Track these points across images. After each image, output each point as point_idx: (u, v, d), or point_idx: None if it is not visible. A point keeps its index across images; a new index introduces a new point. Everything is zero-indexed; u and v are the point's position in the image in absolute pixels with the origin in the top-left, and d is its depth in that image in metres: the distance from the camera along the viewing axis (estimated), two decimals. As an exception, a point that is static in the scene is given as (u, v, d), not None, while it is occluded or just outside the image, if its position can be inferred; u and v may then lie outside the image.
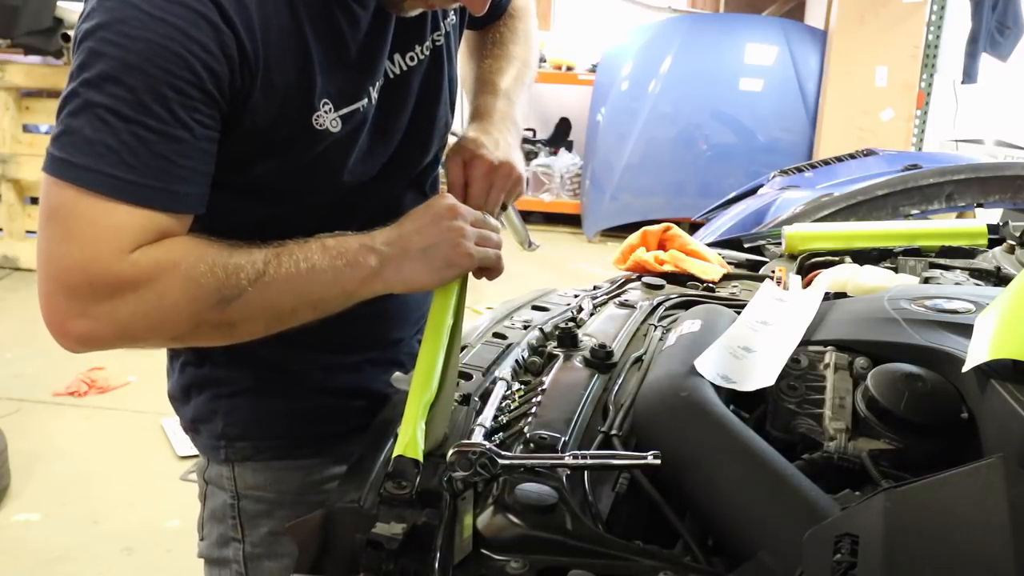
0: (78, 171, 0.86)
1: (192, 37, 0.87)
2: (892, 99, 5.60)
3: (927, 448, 0.85)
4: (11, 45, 4.84)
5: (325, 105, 1.02)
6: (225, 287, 0.91)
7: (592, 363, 1.07)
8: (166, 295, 0.89)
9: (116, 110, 0.85)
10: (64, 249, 0.88)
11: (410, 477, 0.84)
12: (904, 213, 2.20)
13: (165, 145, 0.88)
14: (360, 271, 0.98)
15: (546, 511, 0.78)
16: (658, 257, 1.47)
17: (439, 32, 1.16)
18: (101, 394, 3.61)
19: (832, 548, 0.64)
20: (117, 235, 0.88)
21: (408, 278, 1.00)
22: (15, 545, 2.69)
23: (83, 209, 0.87)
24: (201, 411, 1.21)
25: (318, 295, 0.97)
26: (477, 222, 1.05)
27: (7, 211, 5.03)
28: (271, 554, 1.20)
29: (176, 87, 0.87)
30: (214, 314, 0.91)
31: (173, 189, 0.90)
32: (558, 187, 6.50)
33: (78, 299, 0.88)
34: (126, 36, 0.85)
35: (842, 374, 0.96)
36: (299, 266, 0.95)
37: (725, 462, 0.82)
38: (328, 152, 1.05)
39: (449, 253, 1.00)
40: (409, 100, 1.14)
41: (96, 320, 0.88)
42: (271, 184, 1.05)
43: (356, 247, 0.98)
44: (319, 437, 1.20)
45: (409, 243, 1.00)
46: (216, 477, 1.22)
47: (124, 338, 0.92)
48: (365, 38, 1.05)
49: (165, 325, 0.92)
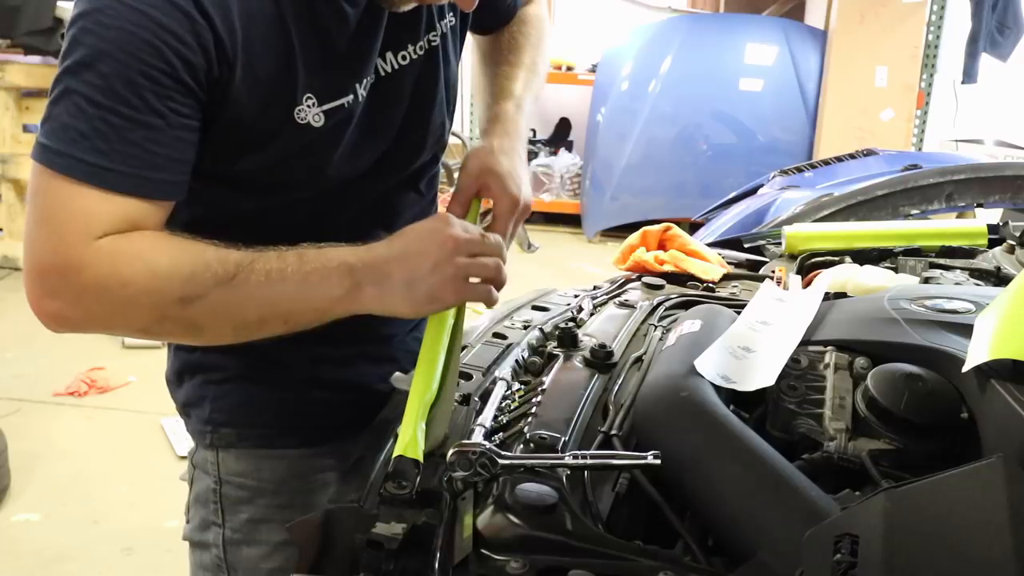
0: (52, 156, 0.89)
1: (165, 27, 0.88)
2: (892, 99, 5.60)
3: (927, 448, 0.85)
4: (11, 45, 4.85)
5: (308, 100, 1.01)
6: (188, 285, 0.90)
7: (592, 363, 1.07)
8: (127, 284, 0.89)
9: (90, 97, 0.87)
10: (37, 231, 0.91)
11: (410, 477, 0.84)
12: (904, 213, 2.20)
13: (137, 132, 0.88)
14: (334, 290, 0.95)
15: (546, 511, 0.78)
16: (658, 257, 1.47)
17: (435, 32, 1.15)
18: (101, 394, 3.61)
19: (832, 548, 0.64)
20: (85, 220, 0.89)
21: (387, 306, 0.97)
22: (15, 545, 2.69)
23: (55, 192, 0.89)
24: (191, 396, 1.22)
25: (287, 308, 0.95)
26: (475, 249, 0.99)
27: (7, 211, 5.03)
28: (249, 541, 1.21)
29: (148, 75, 0.88)
30: (175, 310, 0.91)
31: (144, 175, 0.90)
32: (558, 187, 6.50)
33: (48, 280, 0.90)
34: (102, 25, 0.87)
35: (842, 374, 0.96)
36: (271, 276, 0.93)
37: (725, 462, 0.82)
38: (311, 147, 1.04)
39: (436, 289, 0.96)
40: (401, 99, 1.14)
41: (65, 301, 0.90)
42: (255, 177, 1.05)
43: (335, 264, 0.95)
44: (304, 428, 1.21)
45: (393, 270, 0.96)
46: (202, 462, 1.23)
47: (91, 322, 0.93)
48: (354, 34, 1.04)
49: (127, 314, 0.92)
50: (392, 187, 1.20)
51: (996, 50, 5.23)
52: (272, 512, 1.20)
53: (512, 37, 1.35)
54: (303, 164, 1.06)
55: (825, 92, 5.69)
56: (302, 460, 1.21)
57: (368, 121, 1.10)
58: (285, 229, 1.10)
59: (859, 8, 5.55)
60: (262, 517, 1.20)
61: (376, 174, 1.15)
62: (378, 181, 1.16)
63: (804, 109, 5.79)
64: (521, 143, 1.20)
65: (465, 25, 1.24)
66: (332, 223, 1.13)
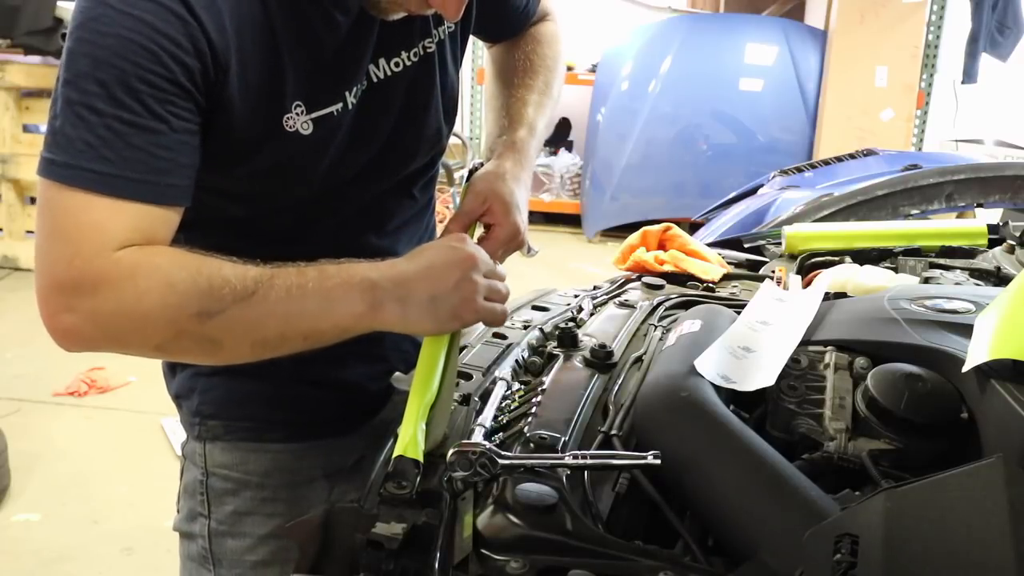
0: (60, 169, 0.88)
1: (160, 31, 0.88)
2: (892, 99, 5.61)
3: (927, 448, 0.85)
4: (11, 45, 4.85)
5: (297, 107, 1.01)
6: (206, 299, 0.89)
7: (592, 363, 1.07)
8: (144, 297, 0.88)
9: (91, 106, 0.87)
10: (51, 245, 0.89)
11: (410, 477, 0.84)
12: (904, 213, 2.20)
13: (141, 137, 0.88)
14: (356, 307, 0.94)
15: (546, 511, 0.78)
16: (658, 257, 1.47)
17: (430, 39, 1.14)
18: (101, 394, 3.61)
19: (832, 548, 0.64)
20: (100, 231, 0.88)
21: (410, 323, 0.96)
22: (15, 545, 2.69)
23: (67, 205, 0.88)
24: (182, 387, 1.23)
25: (309, 325, 0.94)
26: (490, 273, 1.01)
27: (7, 211, 5.03)
28: (234, 533, 1.21)
29: (147, 80, 0.87)
30: (193, 325, 0.90)
31: (153, 180, 0.90)
32: (558, 187, 6.50)
33: (64, 295, 0.89)
34: (97, 33, 0.87)
35: (842, 374, 0.96)
36: (291, 291, 0.92)
37: (725, 462, 0.82)
38: (298, 155, 1.04)
39: (458, 307, 0.96)
40: (393, 106, 1.13)
41: (81, 316, 0.89)
42: (239, 185, 1.05)
43: (357, 280, 0.94)
44: (291, 424, 1.21)
45: (416, 287, 0.95)
46: (191, 453, 1.24)
47: (107, 338, 0.92)
48: (344, 42, 1.04)
49: (145, 329, 0.91)
50: (383, 192, 1.19)
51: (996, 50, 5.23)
52: (257, 505, 1.21)
53: (527, 58, 1.34)
54: (288, 172, 1.05)
55: (825, 92, 5.70)
56: (288, 455, 1.21)
57: (357, 129, 1.09)
58: (273, 232, 1.10)
59: (859, 8, 5.55)
60: (247, 510, 1.21)
61: (365, 180, 1.14)
62: (367, 186, 1.15)
63: (804, 109, 5.79)
64: (529, 171, 1.21)
65: (467, 30, 1.23)
66: (321, 226, 1.13)
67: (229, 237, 1.11)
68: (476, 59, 6.07)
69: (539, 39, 1.37)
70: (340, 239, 1.13)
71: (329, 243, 1.04)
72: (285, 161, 1.03)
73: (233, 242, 1.11)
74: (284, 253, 1.01)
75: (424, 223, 1.29)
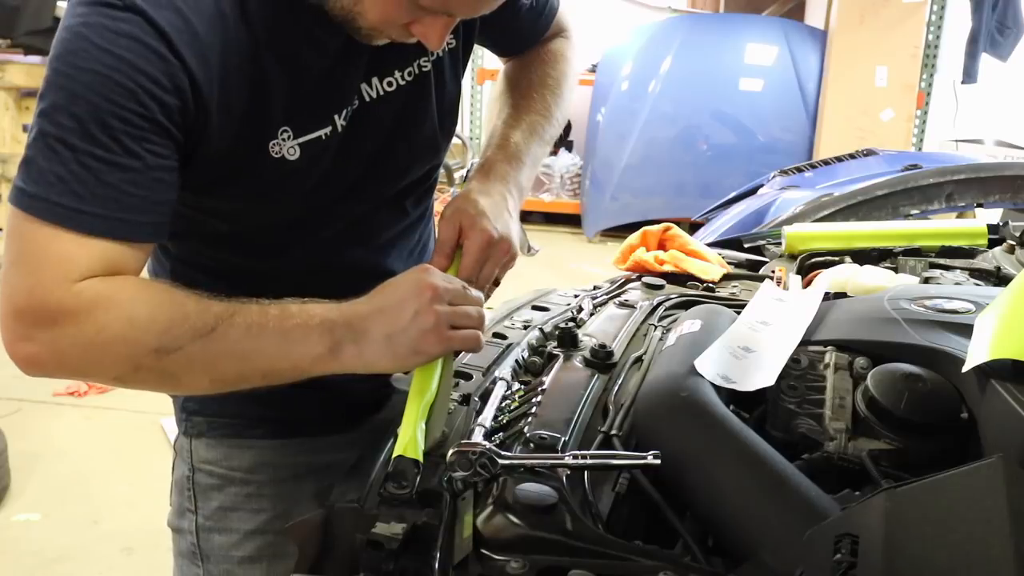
0: (30, 200, 0.87)
1: (139, 69, 0.86)
2: (892, 99, 5.61)
3: (927, 448, 0.85)
4: (11, 45, 4.85)
5: (284, 133, 1.00)
6: (164, 336, 0.89)
7: (592, 363, 1.07)
8: (103, 331, 0.88)
9: (64, 140, 0.86)
10: (14, 273, 0.89)
11: (410, 477, 0.84)
12: (904, 213, 2.20)
13: (113, 174, 0.87)
14: (314, 348, 0.93)
15: (546, 511, 0.78)
16: (658, 257, 1.47)
17: (426, 58, 1.12)
18: (101, 394, 3.61)
19: (832, 548, 0.64)
20: (63, 263, 0.87)
21: (369, 363, 0.94)
22: (15, 545, 2.69)
23: (32, 236, 0.88)
24: None
25: (267, 365, 0.93)
26: (456, 299, 0.97)
27: (7, 211, 5.03)
28: (220, 528, 1.22)
29: (123, 117, 0.86)
30: (151, 360, 0.89)
31: (121, 218, 0.89)
32: (558, 187, 6.51)
33: (23, 323, 0.88)
34: (75, 67, 0.86)
35: (842, 374, 0.96)
36: (251, 330, 0.91)
37: (725, 462, 0.82)
38: (284, 179, 1.02)
39: (417, 341, 0.94)
40: (383, 126, 1.11)
41: (40, 346, 0.88)
42: (223, 207, 1.04)
43: (316, 321, 0.93)
44: (273, 421, 1.21)
45: (371, 326, 0.94)
46: (180, 448, 1.26)
47: (65, 368, 0.92)
48: (333, 65, 1.02)
49: (103, 362, 0.90)
50: (372, 208, 1.17)
51: (996, 50, 5.24)
52: (242, 501, 1.21)
53: (530, 81, 1.30)
54: (273, 195, 1.04)
55: (825, 92, 5.70)
56: (271, 451, 1.22)
57: (345, 149, 1.07)
58: (260, 245, 1.10)
59: (859, 8, 5.56)
60: (232, 505, 1.21)
61: (355, 196, 1.12)
62: (355, 204, 1.14)
63: (804, 109, 5.80)
64: (507, 188, 1.16)
65: (469, 45, 1.20)
66: (308, 241, 1.12)
67: (216, 249, 1.11)
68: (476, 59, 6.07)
69: (549, 59, 1.33)
70: (328, 253, 1.12)
71: (317, 257, 1.03)
72: (269, 185, 1.02)
73: (220, 253, 1.10)
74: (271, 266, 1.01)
75: (417, 236, 1.26)
